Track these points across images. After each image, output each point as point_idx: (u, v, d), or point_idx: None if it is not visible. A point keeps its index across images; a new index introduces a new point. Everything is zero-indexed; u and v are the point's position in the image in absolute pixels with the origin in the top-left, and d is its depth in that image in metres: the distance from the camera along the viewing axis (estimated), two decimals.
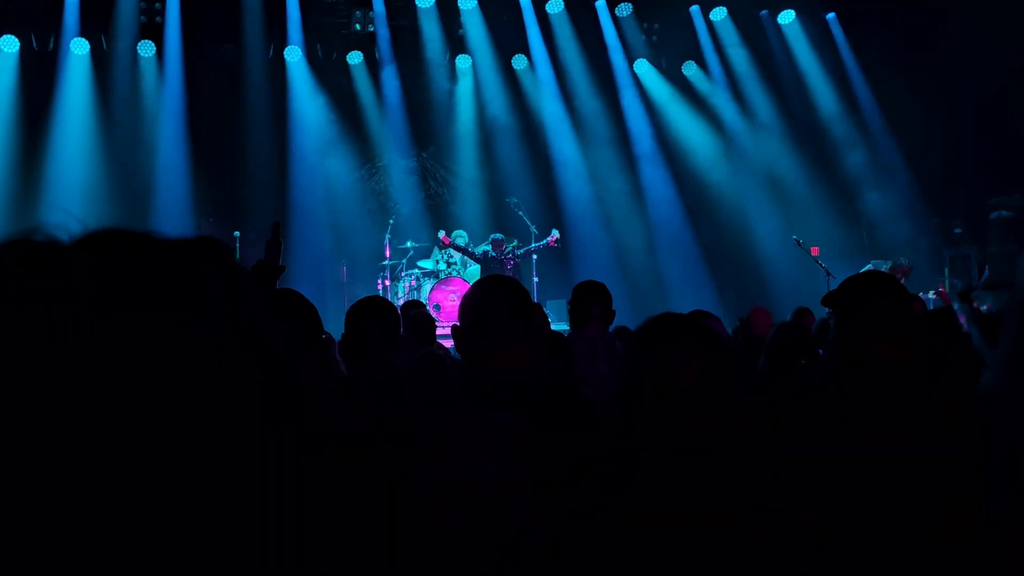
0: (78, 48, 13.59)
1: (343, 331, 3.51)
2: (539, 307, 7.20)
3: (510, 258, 12.89)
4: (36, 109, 13.40)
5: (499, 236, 13.17)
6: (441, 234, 13.05)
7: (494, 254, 12.87)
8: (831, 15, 15.40)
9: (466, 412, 2.34)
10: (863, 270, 12.06)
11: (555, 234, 12.93)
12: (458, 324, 2.53)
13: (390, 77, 14.94)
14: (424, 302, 10.96)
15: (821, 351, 4.38)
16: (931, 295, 12.09)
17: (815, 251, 12.63)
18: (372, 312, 3.53)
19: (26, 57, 13.62)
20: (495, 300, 2.50)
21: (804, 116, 15.61)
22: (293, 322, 2.92)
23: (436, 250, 13.61)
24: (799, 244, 12.56)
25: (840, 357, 2.69)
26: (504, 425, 2.29)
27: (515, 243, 13.16)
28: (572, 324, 5.23)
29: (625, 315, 7.97)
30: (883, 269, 11.89)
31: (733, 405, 2.42)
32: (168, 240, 0.72)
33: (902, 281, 11.92)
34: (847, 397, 2.59)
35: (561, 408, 2.43)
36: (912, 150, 14.79)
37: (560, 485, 2.23)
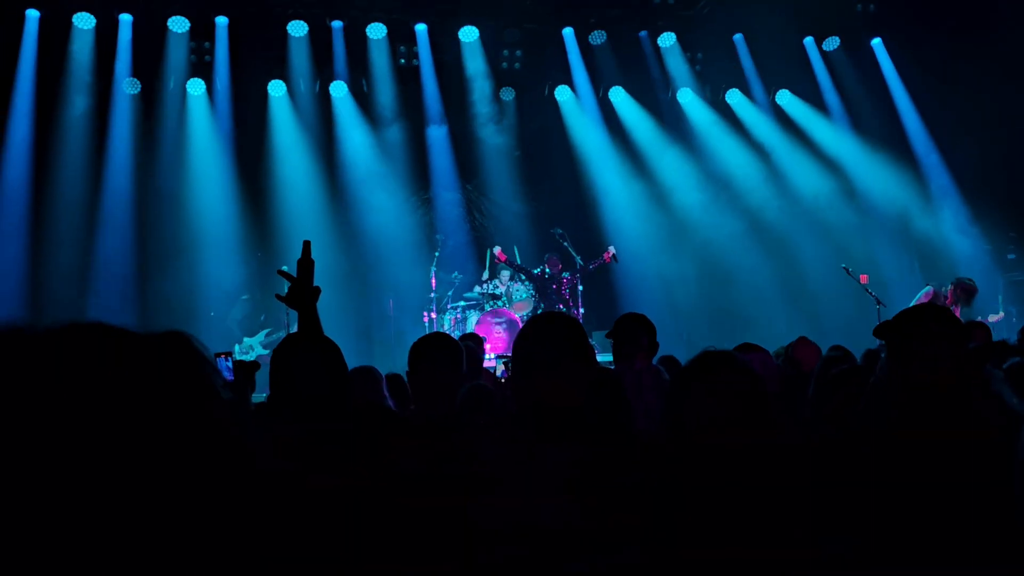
0: (130, 87, 13.91)
1: (407, 368, 3.49)
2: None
3: (566, 278, 12.88)
4: (91, 147, 13.71)
5: (555, 256, 13.17)
6: (497, 249, 13.06)
7: (551, 273, 12.88)
8: (876, 40, 15.31)
9: (519, 447, 2.34)
10: (920, 292, 11.97)
11: (611, 249, 12.88)
12: (512, 358, 2.54)
13: (435, 110, 15.09)
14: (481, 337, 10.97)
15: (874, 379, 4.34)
16: (990, 319, 11.90)
17: (864, 279, 12.49)
18: (435, 348, 3.52)
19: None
20: (548, 335, 2.50)
21: (850, 142, 15.49)
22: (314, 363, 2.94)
23: (482, 281, 13.62)
24: (848, 273, 12.44)
25: (890, 387, 2.67)
26: (557, 460, 2.29)
27: (567, 275, 13.10)
28: (616, 356, 5.22)
29: (672, 345, 7.93)
30: (943, 290, 11.74)
31: (775, 437, 2.42)
32: (133, 335, 0.84)
33: (963, 300, 11.73)
34: (898, 426, 2.57)
35: (612, 442, 2.43)
36: (963, 175, 14.61)
37: (612, 519, 2.23)
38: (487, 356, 9.49)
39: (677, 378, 2.34)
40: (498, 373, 7.13)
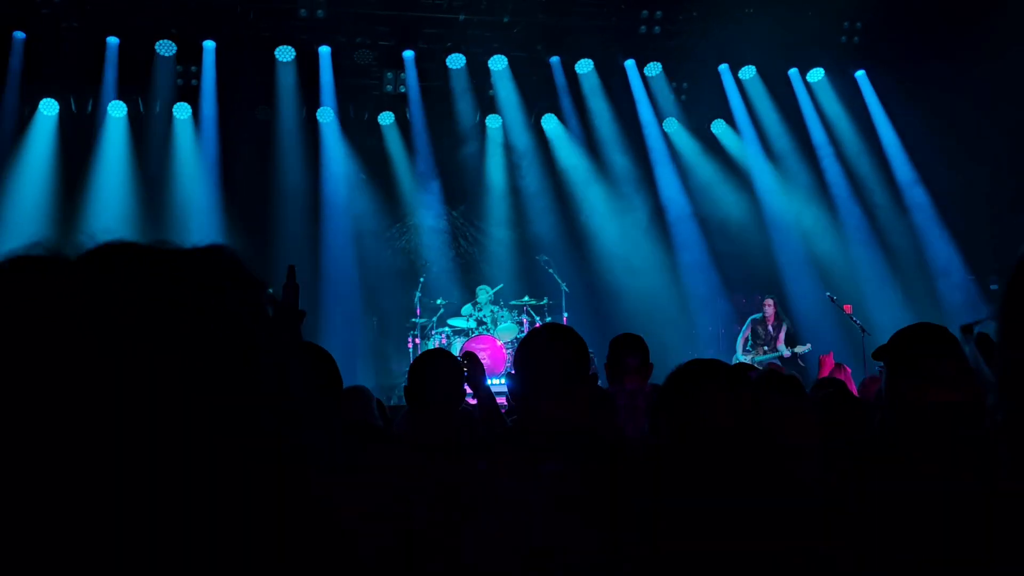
0: (115, 110, 13.86)
1: (405, 384, 3.46)
2: None
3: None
4: (74, 170, 13.63)
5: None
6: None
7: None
8: (860, 72, 15.44)
9: (517, 464, 2.30)
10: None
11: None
12: (513, 373, 2.51)
13: (421, 137, 15.11)
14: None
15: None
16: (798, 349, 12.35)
17: (848, 309, 12.54)
18: (437, 365, 3.50)
19: (65, 120, 13.91)
20: (555, 354, 2.47)
21: (834, 173, 15.59)
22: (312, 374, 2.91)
23: (469, 307, 13.57)
24: (833, 301, 12.48)
25: (894, 407, 2.65)
26: (556, 477, 2.26)
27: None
28: (609, 377, 5.21)
29: (660, 373, 7.90)
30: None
31: (772, 447, 2.37)
32: (176, 251, 0.75)
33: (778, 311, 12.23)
34: (903, 445, 2.54)
35: (610, 459, 2.40)
36: (945, 206, 14.71)
37: (610, 536, 2.19)
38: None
39: (671, 382, 2.30)
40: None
